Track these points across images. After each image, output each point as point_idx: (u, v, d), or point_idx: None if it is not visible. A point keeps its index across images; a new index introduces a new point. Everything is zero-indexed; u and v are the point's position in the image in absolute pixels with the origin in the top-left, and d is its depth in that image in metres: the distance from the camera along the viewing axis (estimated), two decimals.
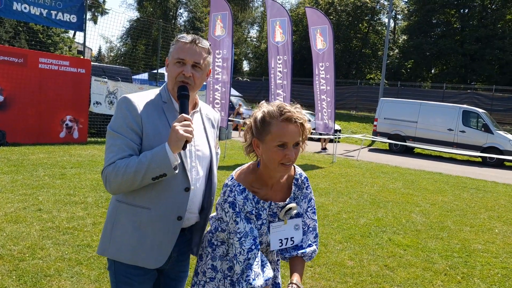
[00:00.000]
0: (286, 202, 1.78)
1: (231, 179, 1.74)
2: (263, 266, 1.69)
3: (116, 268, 1.81)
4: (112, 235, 1.79)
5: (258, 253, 1.67)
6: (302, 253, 1.79)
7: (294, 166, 1.85)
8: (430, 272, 4.21)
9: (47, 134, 10.46)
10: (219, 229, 1.80)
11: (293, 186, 1.82)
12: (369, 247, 4.77)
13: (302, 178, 1.85)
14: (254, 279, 1.62)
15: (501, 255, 4.90)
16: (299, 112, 1.64)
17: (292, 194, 1.81)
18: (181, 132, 1.60)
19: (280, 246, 1.74)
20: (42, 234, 4.27)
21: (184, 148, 1.64)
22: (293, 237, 1.77)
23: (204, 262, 1.85)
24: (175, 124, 1.63)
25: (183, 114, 1.67)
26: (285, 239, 1.75)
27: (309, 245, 1.81)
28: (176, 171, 1.69)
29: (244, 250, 1.65)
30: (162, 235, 1.78)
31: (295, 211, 1.78)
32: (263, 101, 1.76)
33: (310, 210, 1.85)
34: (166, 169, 1.64)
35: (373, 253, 4.60)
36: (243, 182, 1.72)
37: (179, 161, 1.71)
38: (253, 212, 1.70)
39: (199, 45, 1.78)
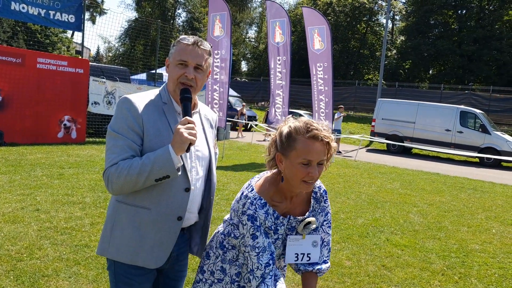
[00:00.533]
0: (305, 216, 1.76)
1: (252, 191, 1.70)
2: (276, 280, 1.68)
3: (116, 268, 1.81)
4: (112, 236, 1.80)
5: (274, 268, 1.67)
6: (318, 269, 1.77)
7: None
8: (428, 272, 4.22)
9: (45, 134, 10.44)
10: (232, 235, 1.79)
11: (312, 199, 1.79)
12: (367, 247, 4.79)
13: (321, 191, 1.83)
14: None
15: (498, 255, 4.92)
16: (326, 131, 1.61)
17: (311, 208, 1.78)
18: (186, 135, 1.61)
19: (295, 261, 1.72)
20: (40, 234, 4.27)
21: (187, 150, 1.65)
22: (309, 254, 1.74)
23: (213, 262, 1.84)
24: (179, 126, 1.64)
25: (187, 117, 1.68)
26: (301, 254, 1.73)
27: (324, 262, 1.80)
28: (179, 173, 1.70)
29: (261, 265, 1.63)
30: (162, 235, 1.78)
31: (314, 226, 1.75)
32: (290, 116, 1.74)
33: (326, 224, 1.83)
34: (170, 171, 1.65)
35: (371, 253, 4.61)
36: (265, 195, 1.68)
37: (182, 163, 1.72)
38: (272, 227, 1.68)
39: (201, 47, 1.78)
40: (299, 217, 1.74)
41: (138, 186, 1.68)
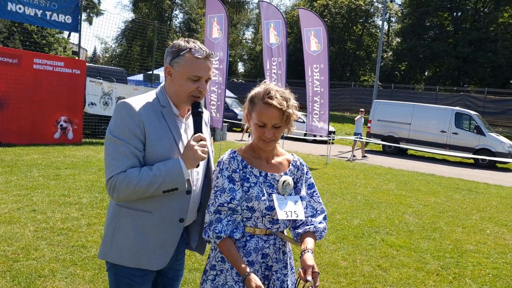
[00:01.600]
0: (281, 174, 1.87)
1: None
2: (235, 227, 1.75)
3: (117, 270, 1.82)
4: (113, 240, 1.79)
5: (231, 213, 1.75)
6: (315, 227, 1.86)
7: (293, 155, 2.00)
8: (422, 272, 4.26)
9: (42, 135, 10.42)
10: None
11: (291, 166, 1.93)
12: (362, 248, 4.82)
13: (300, 161, 1.98)
14: (221, 231, 1.72)
15: (492, 256, 4.97)
16: (283, 98, 1.75)
17: (288, 171, 1.90)
18: (200, 153, 1.68)
19: (286, 217, 1.79)
20: (36, 235, 4.27)
21: (197, 166, 1.71)
22: (296, 211, 1.82)
23: (212, 257, 1.87)
24: (193, 143, 1.69)
25: (200, 134, 1.72)
26: (289, 211, 1.81)
27: (320, 222, 1.89)
28: (186, 185, 1.73)
29: (216, 202, 1.75)
30: (164, 238, 1.79)
31: (291, 184, 1.85)
32: (266, 80, 1.91)
33: (316, 194, 1.95)
34: (180, 184, 1.70)
35: (366, 253, 4.65)
36: (238, 150, 1.88)
37: (189, 176, 1.76)
38: (237, 171, 1.80)
39: (211, 59, 1.80)
40: (275, 174, 1.85)
41: (145, 195, 1.70)
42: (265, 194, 1.79)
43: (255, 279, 1.66)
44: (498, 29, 30.39)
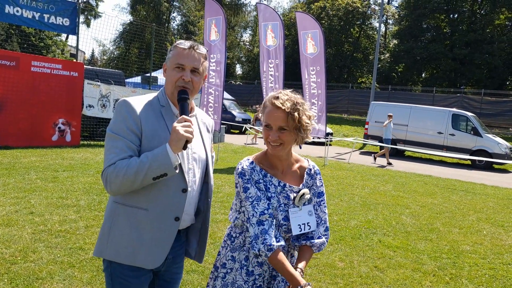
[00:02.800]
0: (299, 187, 1.88)
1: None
2: (280, 236, 1.77)
3: (113, 270, 1.83)
4: (110, 236, 1.82)
5: (272, 221, 1.75)
6: (311, 242, 1.87)
7: (308, 160, 2.00)
8: (419, 273, 4.28)
9: (40, 137, 10.41)
10: (236, 218, 1.89)
11: (305, 175, 1.93)
12: (360, 249, 4.84)
13: (315, 169, 1.98)
14: (271, 243, 1.69)
15: (489, 256, 5.00)
16: (290, 101, 1.76)
17: (304, 181, 1.91)
18: (182, 132, 1.66)
19: (300, 231, 1.82)
20: (34, 237, 4.28)
21: (184, 148, 1.70)
22: (309, 222, 1.85)
23: (223, 255, 1.90)
24: (176, 124, 1.69)
25: (184, 116, 1.73)
26: (302, 224, 1.84)
27: (319, 237, 1.90)
28: (177, 171, 1.74)
29: (256, 213, 1.73)
30: (159, 235, 1.81)
31: (307, 196, 1.87)
32: (285, 89, 1.92)
33: (323, 203, 1.95)
34: (167, 169, 1.69)
35: (363, 254, 4.67)
36: (253, 158, 1.88)
37: (179, 161, 1.77)
38: (260, 181, 1.81)
39: (197, 51, 1.84)
40: (294, 186, 1.86)
41: (136, 185, 1.70)
42: (282, 205, 1.82)
43: None
44: (495, 30, 30.56)
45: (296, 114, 1.74)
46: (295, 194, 1.85)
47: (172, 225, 1.83)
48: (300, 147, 1.88)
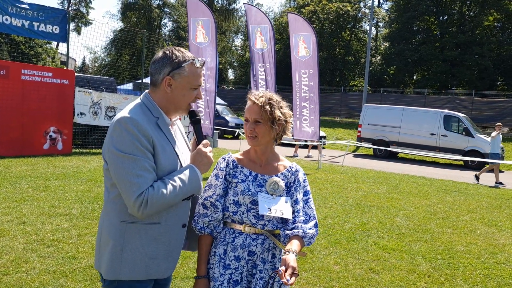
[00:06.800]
0: (271, 176, 1.95)
1: None
2: (216, 225, 1.92)
3: (118, 285, 1.80)
4: (123, 257, 1.77)
5: (215, 209, 1.89)
6: (304, 231, 1.87)
7: (292, 163, 2.06)
8: (414, 274, 4.29)
9: (31, 146, 10.32)
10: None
11: (285, 170, 2.00)
12: (354, 251, 4.84)
13: (297, 167, 2.04)
14: (201, 226, 1.91)
15: (483, 256, 5.02)
16: (264, 96, 1.89)
17: (281, 174, 1.97)
18: (212, 158, 1.79)
19: (269, 212, 1.85)
20: (26, 247, 4.22)
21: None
22: (282, 209, 1.87)
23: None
24: (205, 150, 1.80)
25: (206, 140, 1.84)
26: (274, 208, 1.87)
27: (310, 228, 1.90)
28: None
29: (203, 196, 1.94)
30: (171, 245, 1.84)
31: (281, 185, 1.93)
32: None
33: (310, 201, 1.99)
34: (198, 191, 1.80)
35: (358, 257, 4.67)
36: (235, 153, 2.05)
37: None
38: (223, 169, 1.95)
39: (204, 67, 1.90)
40: (266, 175, 1.95)
41: (168, 206, 1.77)
42: (251, 190, 1.89)
43: (205, 285, 1.86)
44: (484, 32, 30.88)
45: (268, 107, 1.86)
46: (266, 182, 1.93)
47: (180, 232, 1.87)
48: (295, 146, 1.91)
